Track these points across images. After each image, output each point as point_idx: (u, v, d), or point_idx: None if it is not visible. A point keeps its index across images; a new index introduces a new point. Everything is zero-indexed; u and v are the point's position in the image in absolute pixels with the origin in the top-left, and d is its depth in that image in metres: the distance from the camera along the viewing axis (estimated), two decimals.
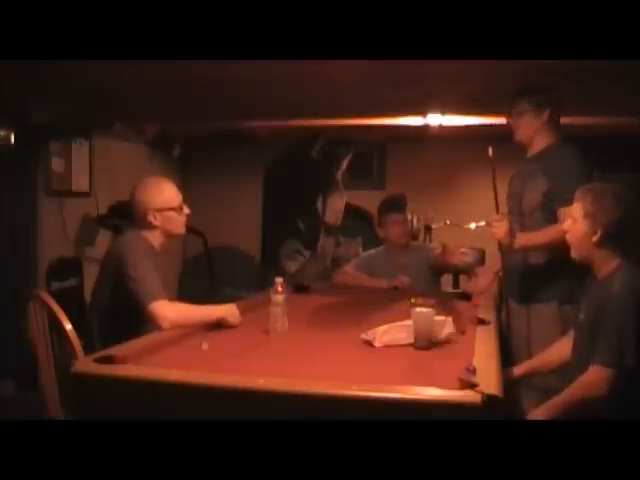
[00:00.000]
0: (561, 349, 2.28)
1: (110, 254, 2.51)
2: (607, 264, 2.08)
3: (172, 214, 2.53)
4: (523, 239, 2.62)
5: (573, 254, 2.18)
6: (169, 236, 2.57)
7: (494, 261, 3.03)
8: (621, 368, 1.89)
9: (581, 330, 2.13)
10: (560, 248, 2.31)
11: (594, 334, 1.99)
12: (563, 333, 2.44)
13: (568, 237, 2.18)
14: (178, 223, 2.57)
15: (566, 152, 2.69)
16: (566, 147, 2.72)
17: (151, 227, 2.50)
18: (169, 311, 2.29)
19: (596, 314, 2.02)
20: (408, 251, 3.67)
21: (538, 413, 2.01)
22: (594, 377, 1.93)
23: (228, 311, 2.45)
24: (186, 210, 2.58)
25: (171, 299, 2.42)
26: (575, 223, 2.13)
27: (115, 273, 2.38)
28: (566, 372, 2.17)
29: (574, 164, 2.63)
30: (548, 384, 2.34)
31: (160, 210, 2.50)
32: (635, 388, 1.92)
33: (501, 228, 2.55)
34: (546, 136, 2.75)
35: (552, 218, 2.60)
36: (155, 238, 2.53)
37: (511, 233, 2.56)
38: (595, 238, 2.06)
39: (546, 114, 2.73)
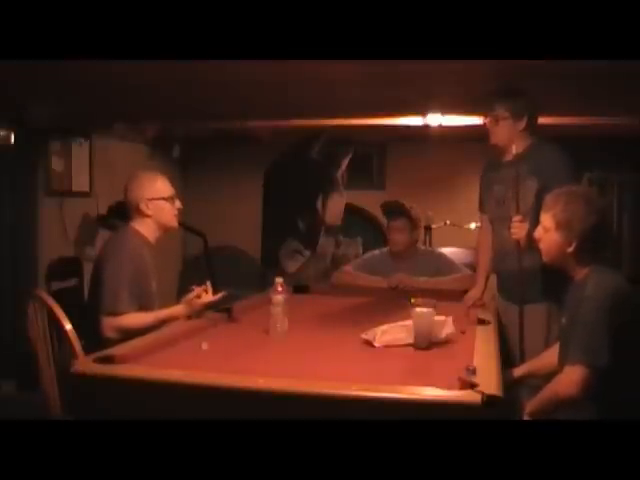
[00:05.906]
0: (555, 354, 2.27)
1: (100, 253, 2.60)
2: (581, 268, 2.04)
3: (164, 204, 2.62)
4: None
5: (545, 260, 2.16)
6: (163, 228, 2.65)
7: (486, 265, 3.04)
8: (594, 368, 1.85)
9: (563, 334, 2.10)
10: None
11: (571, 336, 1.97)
12: (553, 334, 2.45)
13: (540, 245, 2.14)
14: (170, 214, 2.65)
15: (549, 150, 2.70)
16: (547, 145, 2.73)
17: (144, 216, 2.58)
18: (112, 330, 2.40)
19: (573, 316, 2.00)
20: (414, 256, 3.59)
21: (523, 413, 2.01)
22: (566, 377, 1.90)
23: (180, 311, 2.55)
24: (178, 204, 2.67)
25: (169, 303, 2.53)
26: (547, 232, 2.08)
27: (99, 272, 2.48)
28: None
29: (560, 160, 2.64)
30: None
31: (152, 199, 2.59)
32: (622, 389, 1.90)
33: (522, 229, 2.54)
34: (523, 139, 2.73)
35: None
36: (150, 230, 2.61)
37: (530, 233, 2.55)
38: (570, 249, 2.02)
39: (524, 120, 2.72)
